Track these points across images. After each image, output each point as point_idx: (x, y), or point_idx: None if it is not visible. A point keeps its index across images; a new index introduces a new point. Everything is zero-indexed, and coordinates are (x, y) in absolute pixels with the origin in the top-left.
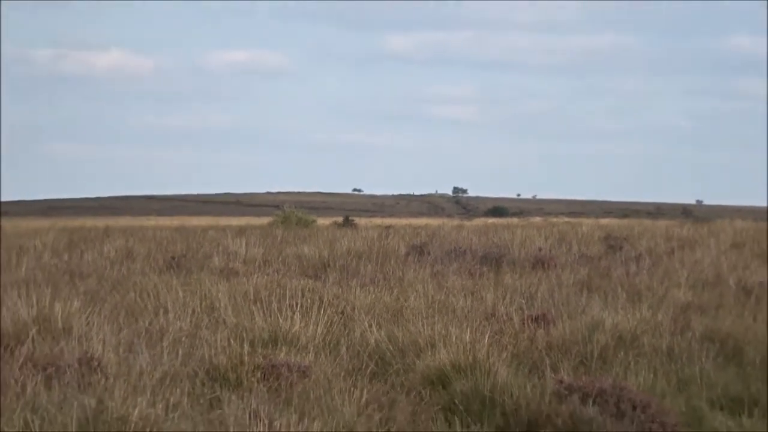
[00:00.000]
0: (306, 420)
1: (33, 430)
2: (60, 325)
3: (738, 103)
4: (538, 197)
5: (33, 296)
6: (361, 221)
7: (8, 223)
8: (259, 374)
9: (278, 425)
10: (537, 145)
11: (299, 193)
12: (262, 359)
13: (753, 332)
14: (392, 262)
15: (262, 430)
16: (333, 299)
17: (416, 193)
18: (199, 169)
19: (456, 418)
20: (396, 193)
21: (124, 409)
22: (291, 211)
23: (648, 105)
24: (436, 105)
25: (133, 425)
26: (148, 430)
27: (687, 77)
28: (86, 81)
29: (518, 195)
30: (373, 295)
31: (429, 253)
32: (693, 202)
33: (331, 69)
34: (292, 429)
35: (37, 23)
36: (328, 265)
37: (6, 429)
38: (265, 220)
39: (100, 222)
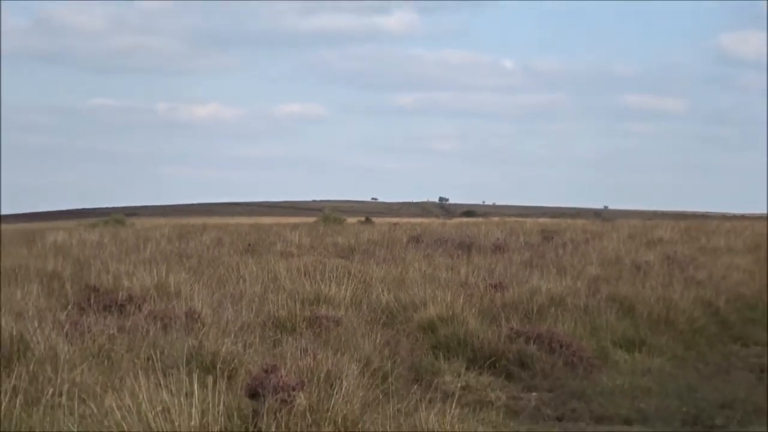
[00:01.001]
0: (338, 354)
1: (154, 361)
2: (172, 289)
3: (630, 140)
4: (496, 204)
5: (154, 270)
6: (377, 220)
7: (137, 221)
8: (307, 323)
9: (320, 358)
10: (496, 168)
11: (335, 200)
12: (309, 313)
13: (641, 295)
14: (398, 247)
15: (309, 361)
16: (357, 272)
17: (414, 200)
18: (267, 184)
19: (440, 353)
20: (401, 200)
21: (216, 347)
22: (329, 213)
23: (570, 142)
24: (428, 141)
25: (222, 358)
26: (233, 361)
27: (595, 123)
28: (191, 125)
29: (483, 202)
30: (385, 270)
31: (422, 242)
32: (602, 207)
33: (357, 117)
34: (329, 360)
35: (157, 86)
36: (354, 250)
37: (135, 361)
38: (311, 219)
39: (200, 220)
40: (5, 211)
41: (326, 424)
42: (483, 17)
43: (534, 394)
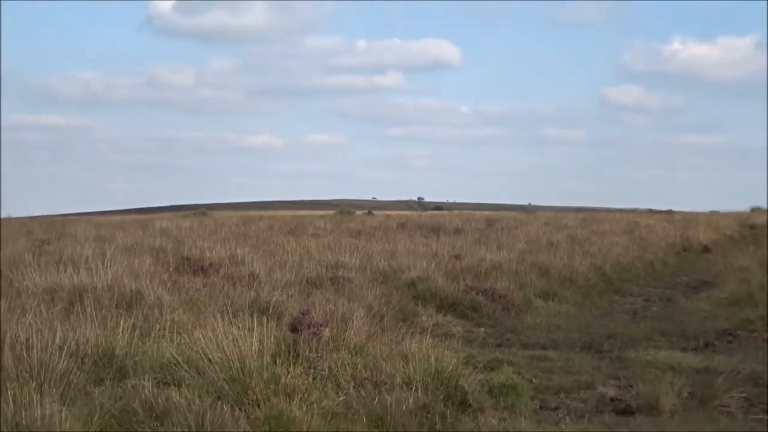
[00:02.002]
0: (350, 302)
1: (227, 306)
2: (239, 258)
3: (548, 158)
4: (456, 201)
5: (227, 246)
6: (376, 213)
7: (215, 214)
8: (329, 281)
9: (338, 305)
10: (456, 177)
11: (348, 199)
12: (331, 274)
13: (553, 262)
14: (390, 231)
15: (331, 307)
16: (363, 247)
17: (401, 199)
18: (303, 188)
19: (419, 301)
20: (392, 199)
21: (268, 297)
22: (344, 208)
23: (506, 159)
24: (410, 159)
25: (272, 304)
26: (280, 307)
27: (524, 147)
28: (250, 150)
29: (447, 200)
30: (381, 246)
31: (407, 227)
32: (527, 203)
33: (364, 143)
34: (344, 306)
35: (228, 123)
36: (361, 232)
37: (214, 306)
38: (332, 212)
39: (257, 213)
40: (127, 207)
41: (343, 349)
42: (448, 77)
43: (482, 329)
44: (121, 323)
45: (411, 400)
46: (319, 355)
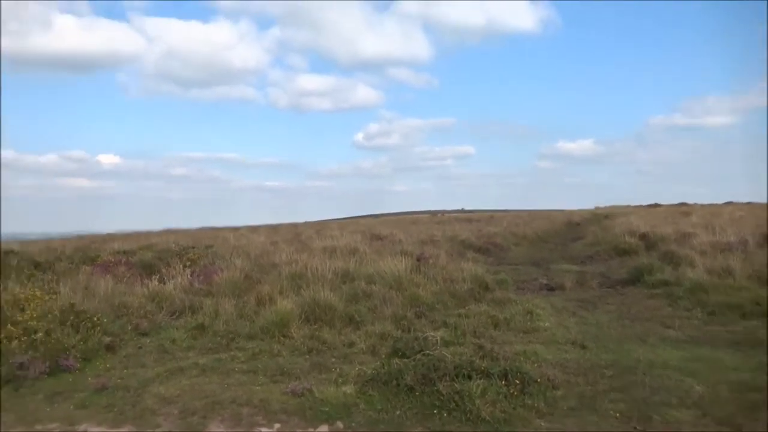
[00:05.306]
0: (438, 249)
1: (391, 252)
2: (395, 234)
3: (508, 191)
4: (479, 209)
5: (389, 229)
6: (445, 215)
7: (384, 218)
8: (430, 241)
9: (435, 250)
10: (479, 198)
11: (433, 209)
12: (430, 239)
13: (518, 230)
14: (452, 222)
15: (432, 251)
16: (441, 228)
17: (454, 208)
18: (416, 206)
19: (466, 249)
20: (450, 208)
21: (407, 248)
22: (432, 213)
23: (493, 191)
24: (459, 192)
25: (408, 250)
26: (411, 252)
27: (499, 186)
28: (395, 192)
29: (475, 209)
30: (449, 227)
31: (458, 220)
32: (500, 208)
33: (438, 188)
34: (437, 251)
35: (385, 181)
36: (441, 222)
37: (386, 252)
38: (428, 215)
39: (421, 216)
40: (348, 216)
41: (437, 267)
42: (471, 159)
43: (491, 258)
44: (351, 259)
45: (465, 287)
46: (428, 269)
